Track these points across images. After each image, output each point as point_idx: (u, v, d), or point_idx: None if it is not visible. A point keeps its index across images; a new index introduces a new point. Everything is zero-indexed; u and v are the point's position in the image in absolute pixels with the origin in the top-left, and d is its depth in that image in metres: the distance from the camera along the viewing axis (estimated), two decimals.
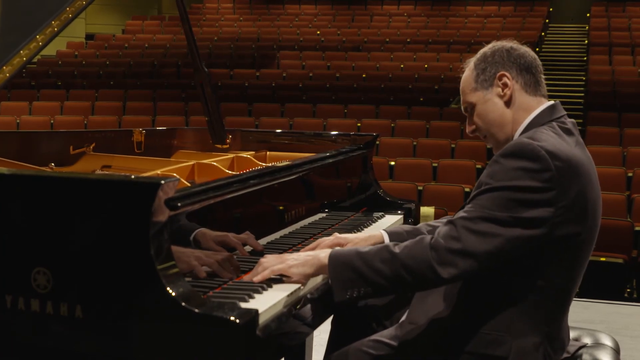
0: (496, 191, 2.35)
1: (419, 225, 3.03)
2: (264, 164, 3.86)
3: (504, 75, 2.60)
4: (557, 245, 2.37)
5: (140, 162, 4.01)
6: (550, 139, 2.43)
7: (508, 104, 2.59)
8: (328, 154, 3.72)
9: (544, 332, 2.44)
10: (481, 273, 2.37)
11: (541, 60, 2.58)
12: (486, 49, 2.68)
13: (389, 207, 3.96)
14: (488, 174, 2.40)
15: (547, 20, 21.90)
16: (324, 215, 3.67)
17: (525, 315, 2.41)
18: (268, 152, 4.31)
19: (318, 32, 20.42)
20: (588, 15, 21.71)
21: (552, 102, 2.64)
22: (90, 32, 22.38)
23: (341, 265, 2.44)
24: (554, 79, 18.14)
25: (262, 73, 16.59)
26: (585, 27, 21.46)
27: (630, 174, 10.21)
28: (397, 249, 2.39)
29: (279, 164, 3.29)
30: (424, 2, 23.07)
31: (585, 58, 18.23)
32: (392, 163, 10.80)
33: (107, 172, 3.93)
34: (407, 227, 3.03)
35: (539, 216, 2.32)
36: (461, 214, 2.39)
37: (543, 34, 20.84)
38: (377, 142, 10.98)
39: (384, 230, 2.95)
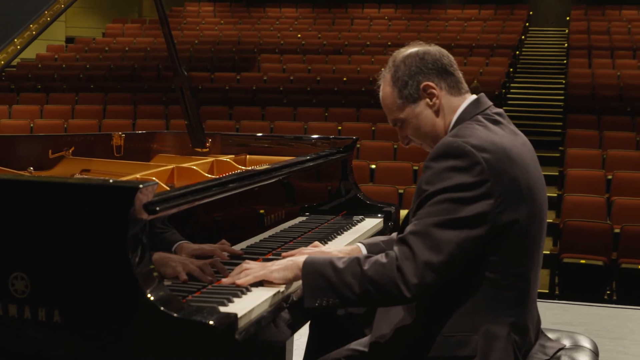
0: (434, 196, 2.35)
1: (393, 235, 3.03)
2: (243, 168, 3.86)
3: (428, 85, 2.58)
4: (501, 235, 2.37)
5: (120, 166, 3.99)
6: (475, 132, 2.44)
7: (438, 112, 2.59)
8: (308, 158, 3.72)
9: (507, 322, 2.45)
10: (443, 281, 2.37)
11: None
12: (398, 61, 2.63)
13: (369, 211, 3.97)
14: (423, 181, 2.41)
15: (527, 24, 22.02)
16: (304, 218, 3.67)
17: (486, 310, 2.42)
18: (248, 156, 4.31)
19: (299, 36, 20.44)
20: (568, 18, 21.84)
21: (474, 96, 2.63)
22: (70, 35, 22.31)
23: (313, 273, 2.44)
24: (534, 82, 18.25)
25: (242, 76, 16.58)
26: (565, 31, 21.59)
27: (609, 177, 10.27)
28: (366, 265, 2.38)
29: (258, 168, 3.29)
30: (405, 6, 23.13)
31: (565, 61, 18.32)
32: (373, 166, 10.82)
33: (85, 176, 3.91)
34: (383, 237, 3.03)
35: (481, 211, 2.32)
36: (410, 228, 2.38)
37: (523, 37, 20.95)
38: (358, 145, 11.00)
39: (361, 243, 2.96)
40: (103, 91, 15.67)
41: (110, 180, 2.39)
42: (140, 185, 2.19)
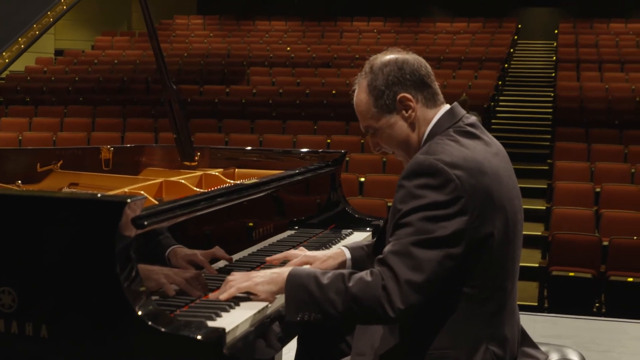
0: (409, 216, 2.34)
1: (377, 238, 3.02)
2: (232, 181, 3.86)
3: (405, 97, 2.54)
4: (478, 249, 2.37)
5: (108, 179, 3.99)
6: (447, 148, 2.43)
7: (412, 124, 2.57)
8: (296, 172, 3.73)
9: (487, 335, 2.44)
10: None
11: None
12: (375, 68, 2.60)
13: (358, 224, 3.97)
14: (397, 200, 2.40)
15: (515, 37, 22.10)
16: (292, 232, 3.67)
17: (464, 324, 2.41)
18: (236, 169, 4.31)
19: (288, 49, 20.46)
20: (556, 32, 21.94)
21: (447, 106, 2.60)
22: (59, 48, 22.28)
23: (297, 287, 2.43)
24: (523, 95, 18.31)
25: (232, 89, 16.58)
26: (553, 44, 21.69)
27: (598, 189, 10.29)
28: (351, 282, 2.36)
29: (246, 182, 3.29)
30: (394, 19, 23.20)
31: (553, 74, 18.41)
32: (362, 179, 10.82)
33: (74, 190, 3.91)
34: (366, 241, 3.03)
35: (458, 228, 2.31)
36: (389, 248, 2.36)
37: (512, 50, 21.03)
38: (347, 159, 11.02)
39: (344, 246, 2.95)
40: (92, 104, 15.65)
41: (98, 195, 2.39)
42: (129, 200, 2.19)
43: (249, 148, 4.67)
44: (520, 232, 2.54)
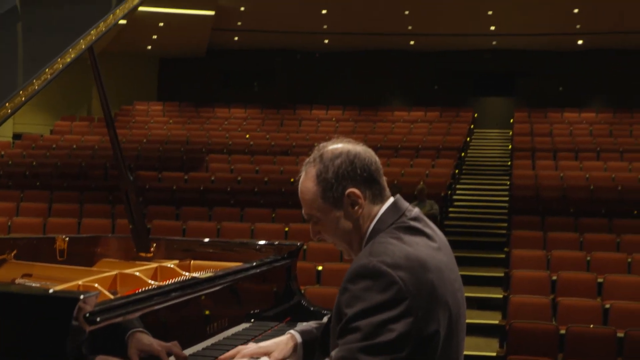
0: (355, 321, 2.31)
1: (325, 319, 3.00)
2: (187, 274, 3.84)
3: (354, 193, 2.52)
4: (424, 348, 2.35)
5: (62, 271, 3.95)
6: (389, 247, 2.41)
7: (357, 220, 2.54)
8: (252, 265, 3.73)
9: None
10: None
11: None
12: (326, 159, 2.58)
13: (314, 317, 3.94)
14: (343, 303, 2.37)
15: (472, 126, 22.46)
16: (247, 325, 3.65)
17: None
18: (192, 261, 4.29)
19: (247, 136, 20.60)
20: (511, 120, 22.33)
21: (391, 200, 2.58)
22: (17, 132, 22.23)
23: None
24: (480, 184, 18.51)
25: (190, 176, 16.60)
26: (509, 133, 22.04)
27: (554, 278, 10.36)
28: None
29: (201, 275, 3.28)
30: (352, 107, 23.50)
31: (509, 163, 18.66)
32: (320, 268, 10.80)
33: (27, 282, 3.86)
34: (314, 323, 2.99)
35: (403, 331, 2.29)
36: (336, 354, 2.34)
37: (468, 139, 21.35)
38: (304, 247, 11.01)
39: (295, 330, 2.93)
40: (49, 189, 15.55)
41: (51, 290, 2.37)
42: (81, 296, 2.17)
43: (206, 240, 4.65)
44: (464, 325, 2.53)
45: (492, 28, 22.87)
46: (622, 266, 11.13)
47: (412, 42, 24.22)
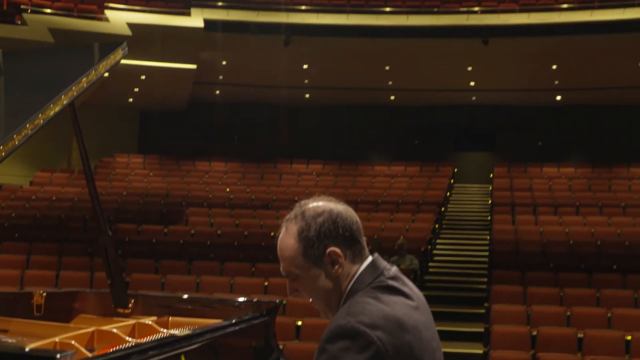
0: None
1: None
2: (166, 331, 3.82)
3: (335, 252, 2.50)
4: None
5: (39, 327, 3.92)
6: (367, 307, 2.40)
7: (337, 279, 2.53)
8: (231, 322, 3.71)
9: None
10: None
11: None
12: (308, 217, 2.56)
13: None
14: None
15: (452, 181, 22.56)
16: None
17: None
18: (171, 317, 4.27)
19: (227, 190, 20.59)
20: (491, 175, 22.45)
21: (369, 259, 2.57)
22: None
23: None
24: (460, 238, 18.55)
25: (170, 230, 16.55)
26: (488, 187, 22.14)
27: (534, 333, 10.34)
28: None
29: (180, 333, 3.26)
30: (332, 162, 23.58)
31: (489, 217, 18.72)
32: (299, 323, 10.75)
33: (3, 338, 3.82)
34: None
35: None
36: None
37: (448, 193, 21.43)
38: (284, 302, 10.96)
39: None
40: (27, 240, 15.44)
41: (27, 348, 2.35)
42: (58, 355, 2.15)
43: (185, 296, 4.64)
44: None
45: (472, 84, 23.12)
46: (602, 321, 11.13)
47: (392, 97, 24.43)
